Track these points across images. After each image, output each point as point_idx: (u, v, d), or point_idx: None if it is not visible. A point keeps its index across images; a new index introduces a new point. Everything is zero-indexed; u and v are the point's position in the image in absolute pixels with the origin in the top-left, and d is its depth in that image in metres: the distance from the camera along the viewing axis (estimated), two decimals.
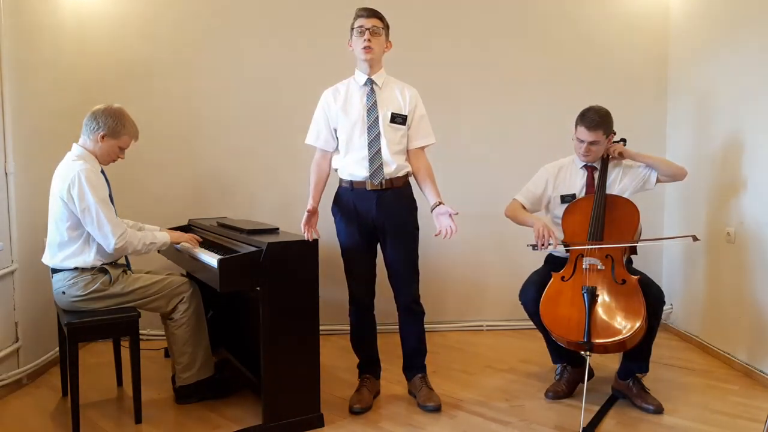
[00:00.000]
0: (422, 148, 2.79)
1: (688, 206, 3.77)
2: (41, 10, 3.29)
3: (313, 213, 2.63)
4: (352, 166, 2.71)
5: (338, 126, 2.74)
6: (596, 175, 2.92)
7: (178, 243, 2.88)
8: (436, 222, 2.63)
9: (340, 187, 2.80)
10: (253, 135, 3.88)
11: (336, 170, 2.80)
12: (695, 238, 2.79)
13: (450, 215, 2.58)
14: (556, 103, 3.85)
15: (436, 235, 2.59)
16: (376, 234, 2.79)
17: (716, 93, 3.46)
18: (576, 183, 2.97)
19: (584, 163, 2.95)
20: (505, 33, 3.93)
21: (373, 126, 2.68)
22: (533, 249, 2.76)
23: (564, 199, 2.95)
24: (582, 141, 2.85)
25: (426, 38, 3.81)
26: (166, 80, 3.80)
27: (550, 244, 2.72)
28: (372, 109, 2.69)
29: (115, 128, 2.68)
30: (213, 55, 3.83)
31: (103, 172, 2.71)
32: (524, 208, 3.01)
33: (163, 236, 2.81)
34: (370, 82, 2.73)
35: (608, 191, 2.86)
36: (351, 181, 2.73)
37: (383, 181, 2.68)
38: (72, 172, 2.56)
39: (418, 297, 2.85)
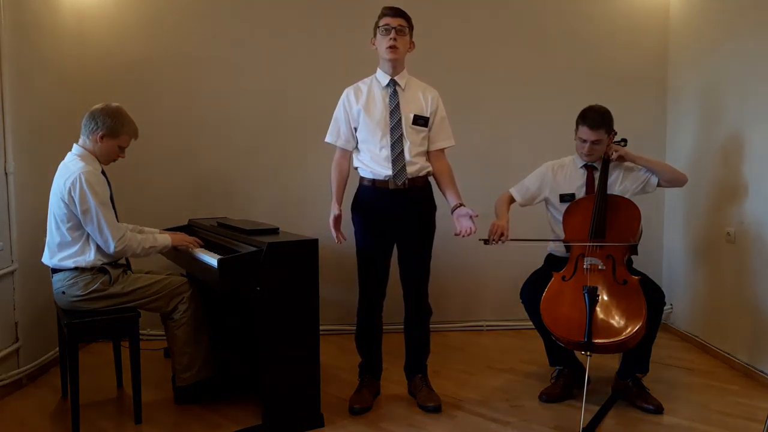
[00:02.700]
0: (442, 150, 2.81)
1: (688, 206, 3.77)
2: (41, 10, 3.29)
3: (339, 216, 2.67)
4: (375, 166, 2.71)
5: (359, 125, 2.74)
6: (596, 175, 2.92)
7: (181, 246, 2.87)
8: (456, 223, 2.66)
9: (360, 186, 2.80)
10: (253, 135, 3.88)
11: (357, 169, 2.81)
12: (634, 242, 2.79)
13: (471, 217, 2.60)
14: (555, 103, 3.84)
15: (456, 234, 2.63)
16: (393, 234, 2.80)
17: (716, 93, 3.46)
18: (575, 182, 2.97)
19: (584, 163, 2.95)
20: (502, 33, 3.93)
21: (395, 127, 2.68)
22: (485, 243, 2.77)
23: (563, 198, 2.96)
24: (584, 141, 2.85)
25: (425, 38, 3.80)
26: (167, 80, 3.80)
27: (500, 241, 2.76)
28: (395, 110, 2.69)
29: (114, 127, 2.67)
30: (213, 55, 3.83)
31: (103, 172, 2.70)
32: (514, 200, 3.03)
33: (164, 239, 2.80)
34: (393, 83, 2.73)
35: (609, 192, 2.86)
36: (373, 179, 2.73)
37: (406, 181, 2.69)
38: (73, 175, 2.55)
39: (427, 296, 2.87)
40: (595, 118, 2.82)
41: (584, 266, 2.73)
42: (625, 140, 3.02)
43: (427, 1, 3.87)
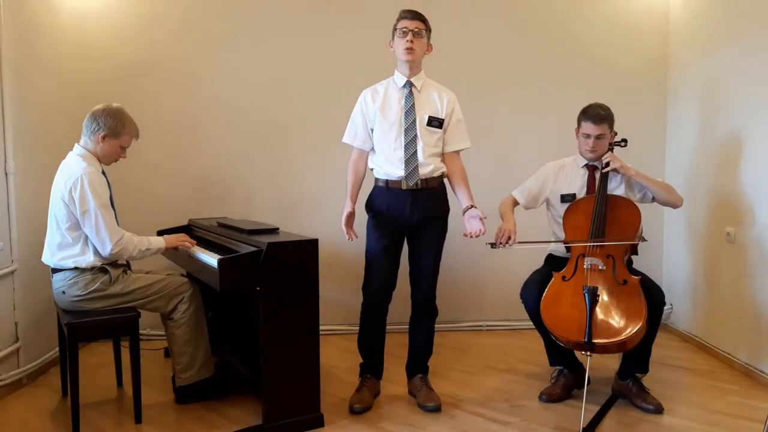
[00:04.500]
0: (457, 152, 2.82)
1: (688, 206, 3.74)
2: (41, 11, 3.29)
3: (351, 214, 2.68)
4: (388, 167, 2.73)
5: (375, 126, 2.76)
6: (597, 175, 2.92)
7: (174, 246, 2.87)
8: (466, 224, 2.68)
9: (375, 187, 2.82)
10: (253, 135, 3.88)
11: (372, 170, 2.82)
12: (642, 239, 2.78)
13: (480, 219, 2.62)
14: (555, 103, 3.85)
15: (465, 235, 2.65)
16: (404, 235, 2.82)
17: (716, 93, 3.46)
18: (576, 182, 2.97)
19: (585, 162, 2.95)
20: (501, 34, 3.93)
21: (410, 128, 2.70)
22: (492, 247, 2.77)
23: (564, 198, 2.96)
24: (588, 136, 2.86)
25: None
26: (166, 80, 3.80)
27: (507, 245, 2.76)
28: (410, 111, 2.71)
29: (116, 128, 2.68)
30: (213, 55, 3.83)
31: (104, 172, 2.71)
32: (518, 203, 3.03)
33: (158, 241, 2.80)
34: (409, 84, 2.74)
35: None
36: (386, 180, 2.75)
37: (418, 182, 2.70)
38: (75, 175, 2.55)
39: (435, 297, 2.88)
40: (598, 112, 2.84)
41: (584, 266, 2.73)
42: (625, 140, 3.02)
43: (427, 4, 3.87)
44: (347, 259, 3.72)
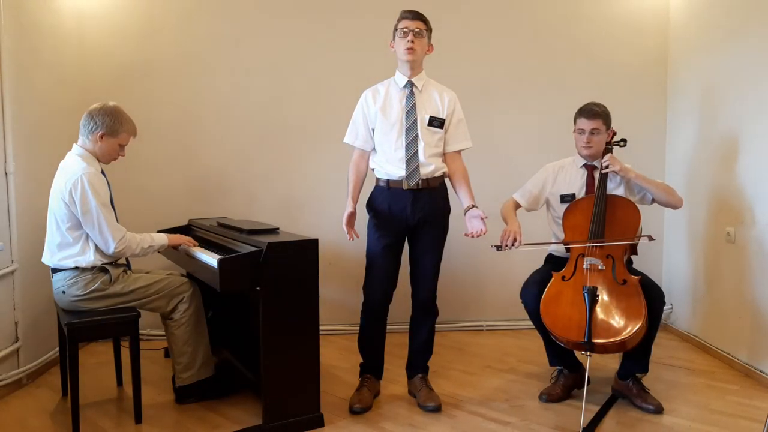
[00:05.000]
0: (458, 151, 2.82)
1: (688, 206, 3.74)
2: (41, 10, 3.29)
3: (353, 214, 2.68)
4: (389, 167, 2.73)
5: (376, 127, 2.76)
6: (596, 175, 2.91)
7: (176, 245, 2.87)
8: (467, 224, 2.68)
9: (376, 186, 2.82)
10: (253, 135, 3.88)
11: (373, 170, 2.83)
12: (650, 238, 2.78)
13: (481, 219, 2.62)
14: (555, 104, 3.84)
15: (466, 235, 2.65)
16: (405, 235, 2.82)
17: (716, 93, 3.46)
18: (576, 182, 2.97)
19: (584, 162, 2.95)
20: (502, 33, 3.93)
21: (411, 128, 2.71)
22: (497, 249, 2.77)
23: (564, 198, 2.96)
24: (583, 132, 2.86)
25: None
26: (166, 80, 3.80)
27: (513, 247, 2.75)
28: (411, 111, 2.72)
29: (113, 126, 2.68)
30: (213, 55, 3.83)
31: (103, 172, 2.71)
32: (519, 206, 3.03)
33: (161, 238, 2.81)
34: (410, 84, 2.75)
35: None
36: (387, 180, 2.75)
37: (419, 182, 2.71)
38: (75, 175, 2.55)
39: (435, 297, 2.88)
40: (592, 108, 2.86)
41: (584, 266, 2.73)
42: (624, 140, 3.02)
43: (428, 4, 3.87)
44: (347, 259, 3.72)
